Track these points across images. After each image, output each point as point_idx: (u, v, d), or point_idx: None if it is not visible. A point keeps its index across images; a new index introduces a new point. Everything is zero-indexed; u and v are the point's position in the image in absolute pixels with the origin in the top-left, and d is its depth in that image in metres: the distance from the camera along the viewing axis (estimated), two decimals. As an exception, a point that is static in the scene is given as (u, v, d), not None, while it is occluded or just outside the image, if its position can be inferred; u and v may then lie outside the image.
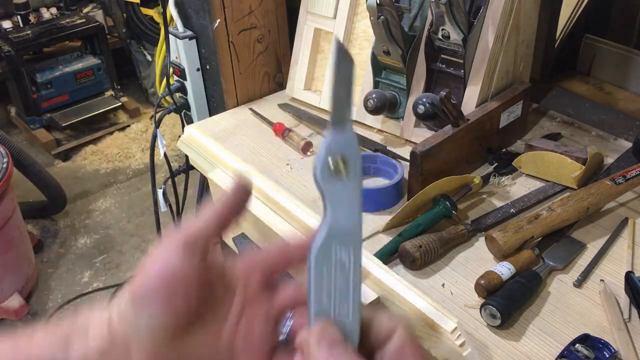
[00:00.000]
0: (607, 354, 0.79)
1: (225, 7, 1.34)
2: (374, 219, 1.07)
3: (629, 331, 0.83)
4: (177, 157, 2.79)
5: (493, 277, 0.89)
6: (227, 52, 1.39)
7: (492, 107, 1.15)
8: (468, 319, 0.87)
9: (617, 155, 1.19)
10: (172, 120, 3.21)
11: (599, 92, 1.46)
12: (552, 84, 1.46)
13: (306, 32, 1.40)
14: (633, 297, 0.87)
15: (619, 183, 1.02)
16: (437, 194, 1.03)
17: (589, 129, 1.29)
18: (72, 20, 3.25)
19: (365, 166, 1.18)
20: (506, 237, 0.94)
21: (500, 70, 1.18)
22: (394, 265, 0.97)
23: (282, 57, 1.49)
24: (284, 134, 1.31)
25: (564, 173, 1.10)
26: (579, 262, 0.96)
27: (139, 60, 3.56)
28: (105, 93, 3.48)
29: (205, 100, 1.50)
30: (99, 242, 2.69)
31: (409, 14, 1.22)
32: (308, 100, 1.43)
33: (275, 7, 1.43)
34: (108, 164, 3.25)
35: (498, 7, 1.12)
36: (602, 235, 1.01)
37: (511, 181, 1.14)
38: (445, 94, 1.05)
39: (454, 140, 1.09)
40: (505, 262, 0.92)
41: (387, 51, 1.23)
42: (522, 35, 1.21)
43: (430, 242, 0.95)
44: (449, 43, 1.16)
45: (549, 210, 0.98)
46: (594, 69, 1.51)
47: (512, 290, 0.86)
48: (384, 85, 1.30)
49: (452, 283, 0.94)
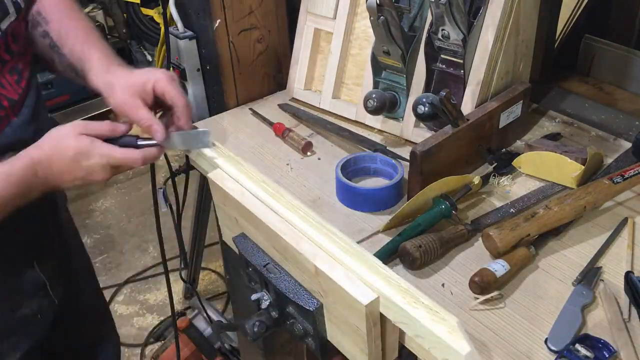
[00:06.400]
0: (607, 354, 0.79)
1: (226, 7, 1.34)
2: (374, 219, 1.07)
3: (629, 331, 0.83)
4: (177, 157, 2.78)
5: (487, 274, 0.89)
6: (227, 52, 1.39)
7: (491, 107, 1.15)
8: (468, 319, 0.87)
9: (617, 155, 1.19)
10: (172, 120, 3.21)
11: (599, 92, 1.46)
12: (552, 84, 1.46)
13: (306, 32, 1.40)
14: (633, 297, 0.87)
15: (616, 182, 1.02)
16: (436, 194, 1.03)
17: (589, 129, 1.29)
18: (72, 20, 3.25)
19: (365, 166, 1.18)
20: (502, 234, 0.94)
21: (500, 70, 1.18)
22: (393, 265, 0.97)
23: (282, 57, 1.49)
24: (284, 134, 1.31)
25: (564, 173, 1.10)
26: (579, 262, 0.96)
27: (139, 60, 3.56)
28: (105, 93, 3.48)
29: (205, 100, 1.50)
30: (99, 242, 2.69)
31: (409, 14, 1.22)
32: (308, 100, 1.43)
33: (275, 7, 1.43)
34: (108, 164, 3.25)
35: (498, 7, 1.12)
36: (601, 234, 1.01)
37: (511, 181, 1.14)
38: (445, 94, 1.05)
39: (454, 140, 1.09)
40: (500, 259, 0.92)
41: (387, 51, 1.23)
42: (522, 36, 1.21)
43: (430, 242, 0.95)
44: (449, 43, 1.16)
45: (546, 208, 0.98)
46: (593, 69, 1.51)
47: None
48: (384, 85, 1.30)
49: (451, 283, 0.94)
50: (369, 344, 0.79)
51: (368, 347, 0.79)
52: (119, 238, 2.71)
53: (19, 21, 0.95)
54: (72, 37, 1.01)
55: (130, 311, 2.37)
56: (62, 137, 0.85)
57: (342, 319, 0.81)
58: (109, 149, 0.86)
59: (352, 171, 1.16)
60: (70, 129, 0.86)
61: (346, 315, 0.80)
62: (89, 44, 1.00)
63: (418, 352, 0.78)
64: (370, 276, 0.78)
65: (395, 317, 0.76)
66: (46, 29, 1.01)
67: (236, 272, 1.09)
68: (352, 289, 0.77)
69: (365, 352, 0.80)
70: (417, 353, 0.78)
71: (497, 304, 0.89)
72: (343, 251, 0.82)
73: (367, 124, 1.33)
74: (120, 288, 2.46)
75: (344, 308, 0.80)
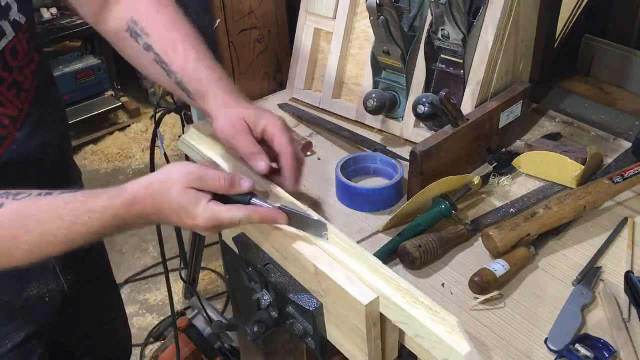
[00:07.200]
0: (607, 354, 0.79)
1: (226, 7, 1.34)
2: (374, 219, 1.07)
3: (629, 331, 0.83)
4: (177, 157, 2.79)
5: (487, 274, 0.90)
6: (227, 52, 1.39)
7: (492, 107, 1.15)
8: (468, 319, 0.87)
9: (617, 155, 1.19)
10: (172, 120, 3.21)
11: (599, 92, 1.46)
12: (552, 84, 1.46)
13: (306, 32, 1.40)
14: (633, 297, 0.87)
15: (616, 182, 1.02)
16: (436, 194, 1.03)
17: (589, 129, 1.29)
18: (72, 21, 3.25)
19: (365, 166, 1.18)
20: (502, 234, 0.94)
21: (500, 70, 1.18)
22: (393, 265, 0.97)
23: (282, 57, 1.49)
24: (284, 134, 1.31)
25: (564, 173, 1.10)
26: (579, 262, 0.96)
27: (139, 60, 3.56)
28: (105, 93, 3.48)
29: (205, 100, 1.50)
30: (99, 242, 2.69)
31: (409, 14, 1.22)
32: (308, 100, 1.43)
33: (275, 7, 1.43)
34: (108, 164, 3.25)
35: (498, 7, 1.12)
36: (601, 234, 1.01)
37: (511, 181, 1.14)
38: (445, 94, 1.05)
39: (454, 140, 1.09)
40: (500, 259, 0.92)
41: (387, 51, 1.23)
42: (522, 36, 1.21)
43: (430, 242, 0.95)
44: (448, 43, 1.16)
45: (546, 208, 0.98)
46: (593, 69, 1.51)
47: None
48: (384, 85, 1.30)
49: (451, 283, 0.94)
50: (369, 344, 0.79)
51: (368, 347, 0.79)
52: (119, 238, 2.71)
53: (20, 37, 0.90)
54: (182, 53, 0.94)
55: (130, 311, 2.36)
56: (169, 185, 0.77)
57: (342, 319, 0.81)
58: (214, 212, 0.78)
59: (352, 171, 1.16)
60: (180, 179, 0.77)
61: (346, 315, 0.80)
62: (202, 63, 0.94)
63: (418, 352, 0.78)
64: (370, 276, 0.78)
65: (395, 317, 0.76)
66: (148, 42, 0.95)
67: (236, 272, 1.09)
68: (352, 289, 0.77)
69: (365, 352, 0.80)
70: (417, 353, 0.78)
71: (497, 304, 0.89)
72: (343, 251, 0.82)
73: (367, 124, 1.33)
74: (120, 288, 2.46)
75: (344, 308, 0.80)
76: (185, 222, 0.78)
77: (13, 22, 0.88)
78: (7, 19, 0.87)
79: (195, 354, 1.92)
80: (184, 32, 0.97)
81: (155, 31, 0.96)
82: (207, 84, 0.93)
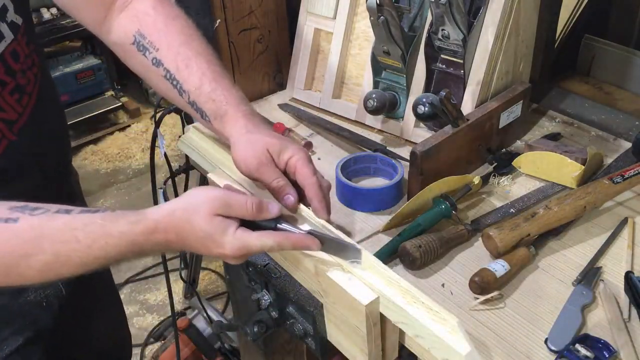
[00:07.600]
0: (607, 354, 0.79)
1: (226, 7, 1.34)
2: (374, 219, 1.07)
3: (629, 331, 0.83)
4: (177, 157, 2.78)
5: (487, 274, 0.90)
6: (227, 52, 1.39)
7: (491, 107, 1.15)
8: (468, 319, 0.87)
9: (617, 155, 1.19)
10: (172, 120, 3.21)
11: (599, 92, 1.46)
12: (552, 84, 1.45)
13: (306, 32, 1.40)
14: (633, 297, 0.87)
15: (616, 182, 1.02)
16: (436, 194, 1.03)
17: (589, 129, 1.29)
18: (72, 21, 3.24)
19: (365, 166, 1.18)
20: (502, 234, 0.94)
21: (500, 70, 1.18)
22: (393, 265, 0.97)
23: (282, 57, 1.49)
24: (284, 133, 1.31)
25: (564, 173, 1.10)
26: (579, 262, 0.96)
27: (139, 60, 3.56)
28: (105, 93, 3.48)
29: (205, 100, 1.50)
30: (99, 242, 2.69)
31: (409, 14, 1.22)
32: (308, 100, 1.43)
33: (275, 7, 1.43)
34: (108, 164, 3.25)
35: (498, 7, 1.12)
36: (601, 234, 1.01)
37: (511, 181, 1.14)
38: (445, 94, 1.05)
39: (454, 140, 1.09)
40: (500, 259, 0.92)
41: (387, 51, 1.23)
42: (522, 36, 1.21)
43: (430, 242, 0.95)
44: (448, 43, 1.16)
45: (546, 208, 0.98)
46: (593, 69, 1.51)
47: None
48: (384, 85, 1.30)
49: (451, 283, 0.94)
50: (369, 344, 0.79)
51: (368, 347, 0.79)
52: (119, 238, 2.70)
53: (19, 39, 0.88)
54: (197, 72, 0.90)
55: (130, 311, 2.37)
56: (194, 211, 0.74)
57: (342, 319, 0.81)
58: (243, 241, 0.75)
59: (352, 171, 1.16)
60: (205, 205, 0.74)
61: (346, 316, 0.80)
62: (219, 83, 0.90)
63: (418, 352, 0.78)
64: (370, 276, 0.78)
65: (395, 317, 0.76)
66: (157, 56, 0.91)
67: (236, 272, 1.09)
68: (352, 289, 0.77)
69: (365, 352, 0.80)
70: (417, 353, 0.78)
71: (497, 304, 0.89)
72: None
73: (367, 124, 1.33)
74: (120, 288, 2.46)
75: (344, 308, 0.80)
76: (212, 250, 0.75)
77: (10, 23, 0.87)
78: (4, 20, 0.85)
79: (195, 354, 1.92)
80: (196, 48, 0.92)
81: (164, 46, 0.91)
82: (226, 106, 0.89)
